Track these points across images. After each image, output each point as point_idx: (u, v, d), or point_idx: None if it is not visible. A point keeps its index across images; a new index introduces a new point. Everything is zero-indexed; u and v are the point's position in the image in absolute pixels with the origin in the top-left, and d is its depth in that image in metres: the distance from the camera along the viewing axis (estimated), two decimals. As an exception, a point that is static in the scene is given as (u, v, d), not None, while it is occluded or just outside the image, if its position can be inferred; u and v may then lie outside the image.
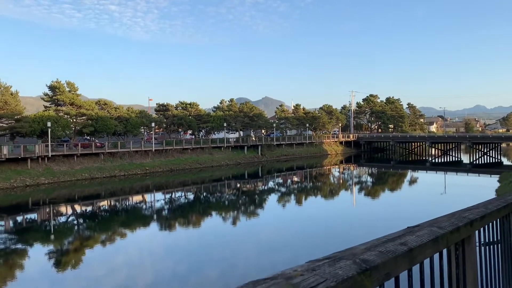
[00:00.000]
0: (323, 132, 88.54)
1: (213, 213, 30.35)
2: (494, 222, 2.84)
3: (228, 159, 59.02)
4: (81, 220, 28.46)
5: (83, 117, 50.71)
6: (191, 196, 37.95)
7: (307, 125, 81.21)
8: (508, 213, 3.16)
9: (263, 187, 43.14)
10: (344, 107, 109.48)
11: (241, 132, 71.84)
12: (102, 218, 29.19)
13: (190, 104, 66.24)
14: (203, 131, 66.46)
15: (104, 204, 33.69)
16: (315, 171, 56.37)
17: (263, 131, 78.66)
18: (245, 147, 63.08)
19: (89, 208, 32.10)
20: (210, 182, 44.99)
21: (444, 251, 1.95)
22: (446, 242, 1.86)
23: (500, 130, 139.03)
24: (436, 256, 1.79)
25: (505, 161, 68.15)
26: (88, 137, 52.63)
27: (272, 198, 36.82)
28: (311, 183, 46.19)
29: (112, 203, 34.14)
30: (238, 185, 43.67)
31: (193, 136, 64.56)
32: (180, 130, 63.10)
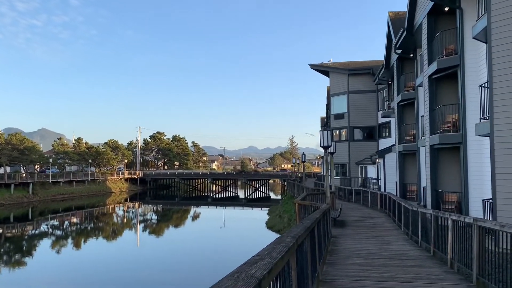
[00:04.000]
0: (108, 168, 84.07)
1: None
2: (279, 273, 2.69)
3: (-12, 199, 49.24)
4: None
5: None
6: None
7: (90, 160, 75.69)
8: (289, 259, 3.12)
9: (33, 231, 37.29)
10: (130, 143, 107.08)
11: (8, 168, 61.50)
12: None
13: None
14: (-47, 165, 54.09)
15: None
16: (97, 211, 52.29)
17: (36, 166, 69.34)
18: (12, 185, 53.99)
19: None
20: (-41, 229, 36.31)
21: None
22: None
23: (268, 168, 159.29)
24: None
25: (272, 195, 77.70)
26: None
27: (45, 243, 32.03)
28: (92, 224, 42.47)
29: None
30: (0, 231, 36.58)
31: None
32: None
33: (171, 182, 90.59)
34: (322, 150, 16.80)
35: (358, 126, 38.64)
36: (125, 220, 46.92)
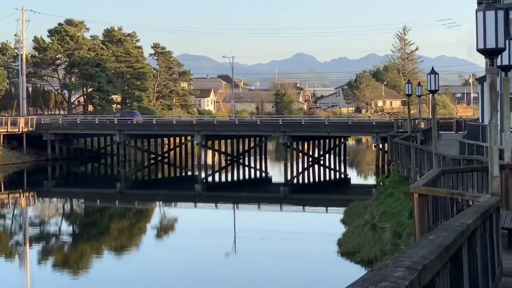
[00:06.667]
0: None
1: None
2: None
3: None
4: None
5: None
6: None
7: None
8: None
9: None
10: (3, 49, 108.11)
11: None
12: None
13: None
14: None
15: None
16: None
17: None
18: None
19: None
20: None
21: None
22: None
23: (344, 110, 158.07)
24: None
25: (354, 177, 78.07)
26: None
27: None
28: None
29: None
30: None
31: None
32: None
33: (104, 143, 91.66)
34: (476, 62, 16.55)
35: None
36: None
